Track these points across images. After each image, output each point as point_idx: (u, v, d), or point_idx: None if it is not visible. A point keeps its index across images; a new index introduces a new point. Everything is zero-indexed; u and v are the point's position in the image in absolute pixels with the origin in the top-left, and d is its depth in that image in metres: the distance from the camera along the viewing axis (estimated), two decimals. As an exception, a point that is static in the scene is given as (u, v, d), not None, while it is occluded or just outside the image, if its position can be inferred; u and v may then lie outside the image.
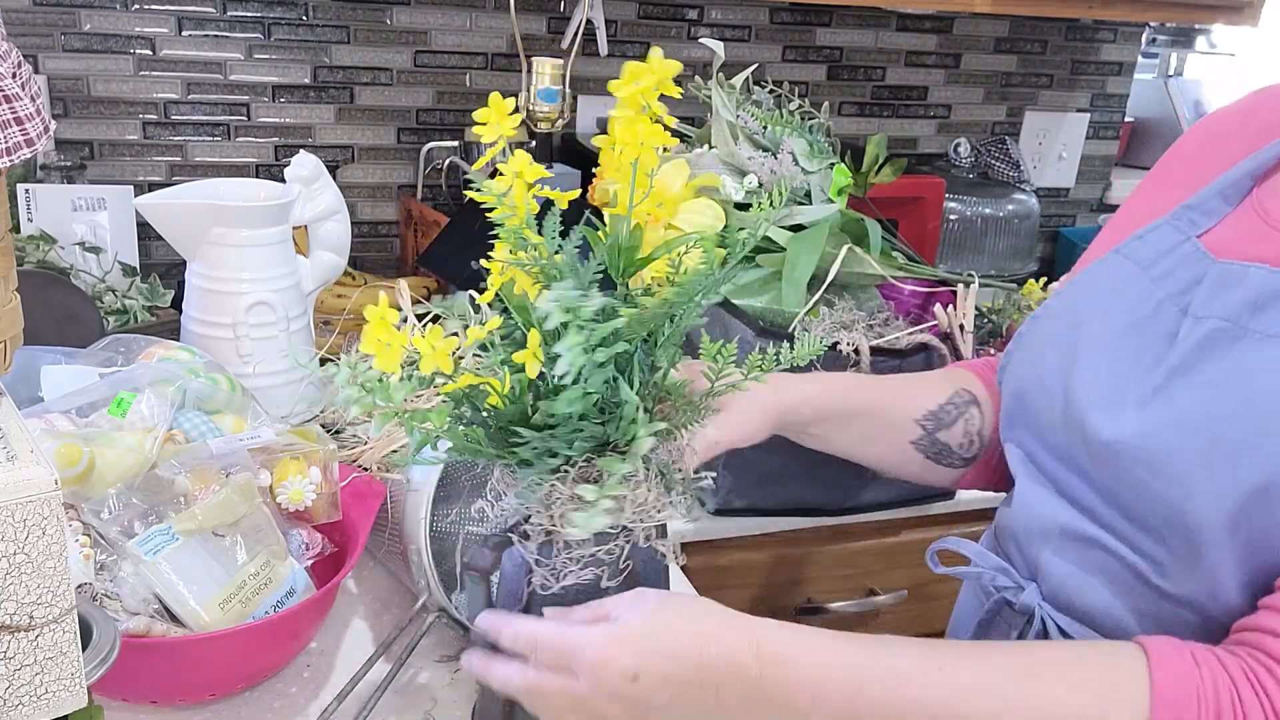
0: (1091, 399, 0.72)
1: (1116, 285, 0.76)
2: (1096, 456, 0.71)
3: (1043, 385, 0.78)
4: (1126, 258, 0.77)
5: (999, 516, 0.86)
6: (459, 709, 0.83)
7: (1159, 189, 0.84)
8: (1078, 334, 0.76)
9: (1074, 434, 0.73)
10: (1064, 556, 0.74)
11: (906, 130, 2.00)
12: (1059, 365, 0.76)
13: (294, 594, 0.84)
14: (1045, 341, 0.80)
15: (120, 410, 0.87)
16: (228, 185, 1.19)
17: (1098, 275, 0.80)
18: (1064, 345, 0.77)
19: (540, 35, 1.70)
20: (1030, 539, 0.78)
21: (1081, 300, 0.79)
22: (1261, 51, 2.47)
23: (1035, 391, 0.79)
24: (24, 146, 0.50)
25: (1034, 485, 0.78)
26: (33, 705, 0.52)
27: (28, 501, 0.49)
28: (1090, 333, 0.75)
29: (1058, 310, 0.81)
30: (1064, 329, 0.78)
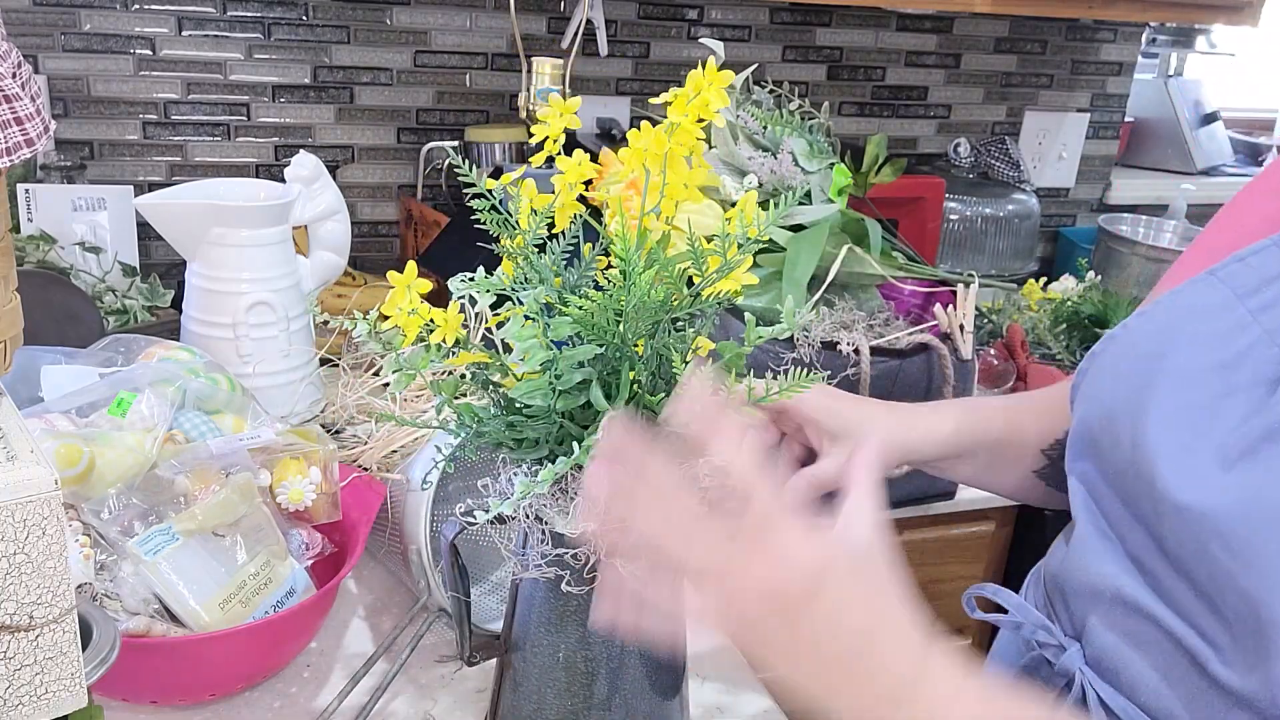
0: (1165, 449, 0.63)
1: (1206, 314, 0.66)
2: (1165, 516, 0.62)
3: (1111, 419, 0.69)
4: (1222, 281, 0.67)
5: (1051, 560, 0.78)
6: (459, 709, 0.83)
7: (1272, 201, 0.73)
8: (1156, 367, 0.66)
9: (1142, 484, 0.65)
10: (1113, 625, 0.67)
11: (906, 130, 2.00)
12: (1131, 400, 0.67)
13: (294, 594, 0.84)
14: (1119, 368, 0.71)
15: (120, 410, 0.87)
16: (228, 185, 1.20)
17: (1187, 298, 0.69)
18: (1139, 377, 0.68)
19: (540, 35, 1.70)
20: (1079, 596, 0.71)
21: (1165, 326, 0.69)
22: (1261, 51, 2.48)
23: (1103, 425, 0.70)
24: (24, 146, 0.50)
25: (1095, 534, 0.70)
26: (33, 705, 0.52)
27: (28, 501, 0.49)
28: (1171, 368, 0.65)
29: (1138, 334, 0.71)
30: (1142, 358, 0.68)
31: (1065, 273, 1.84)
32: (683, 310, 0.64)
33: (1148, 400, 0.65)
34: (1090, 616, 0.69)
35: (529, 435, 0.63)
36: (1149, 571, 0.65)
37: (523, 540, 0.68)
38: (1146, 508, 0.64)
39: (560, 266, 0.65)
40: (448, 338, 0.63)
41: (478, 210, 0.65)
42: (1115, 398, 0.69)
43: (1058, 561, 0.75)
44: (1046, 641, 0.72)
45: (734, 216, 0.63)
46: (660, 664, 0.70)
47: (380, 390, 1.20)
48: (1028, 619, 0.74)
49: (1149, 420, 0.64)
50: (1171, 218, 2.10)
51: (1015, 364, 1.49)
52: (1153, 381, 0.66)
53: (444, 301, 0.64)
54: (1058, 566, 0.75)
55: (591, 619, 0.59)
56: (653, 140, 0.61)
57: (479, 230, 0.66)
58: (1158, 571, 0.64)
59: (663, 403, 0.61)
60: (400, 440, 1.07)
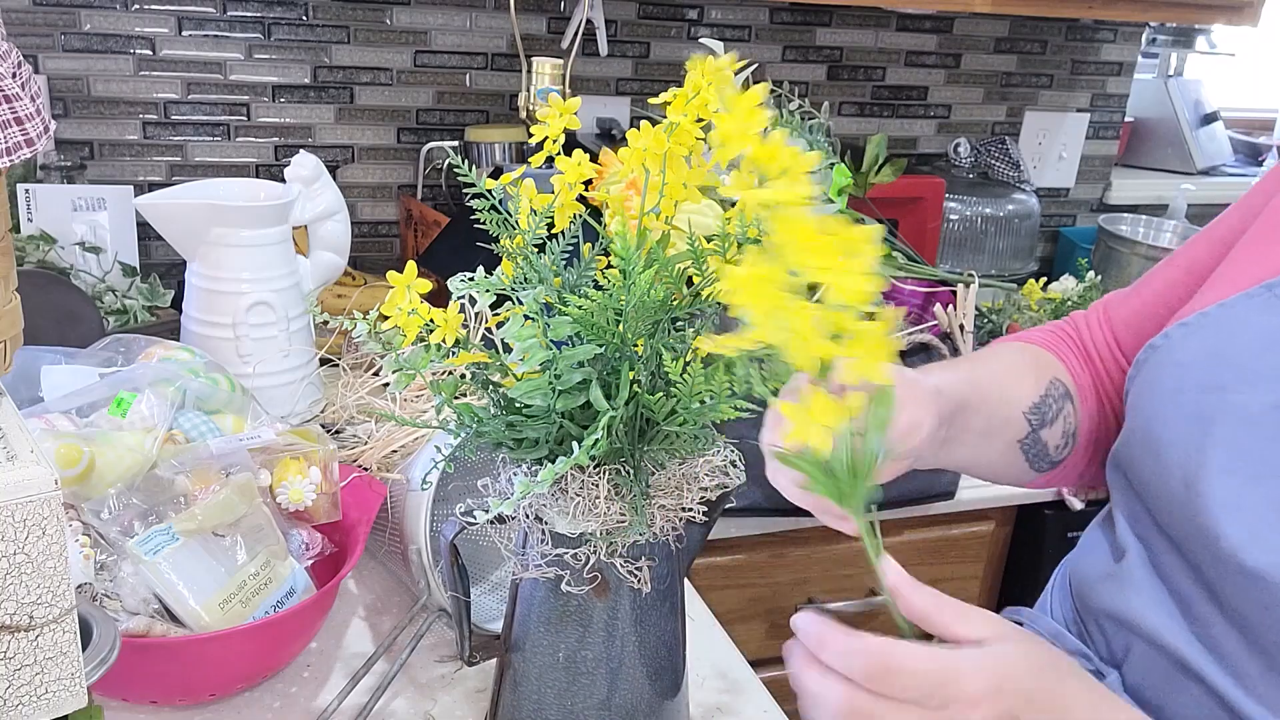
0: (1228, 503, 0.59)
1: (1270, 342, 0.61)
2: (1229, 575, 0.59)
3: (1157, 449, 0.65)
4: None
5: (1083, 580, 0.73)
6: (459, 709, 0.83)
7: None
8: (1214, 402, 0.62)
9: (1199, 535, 0.61)
10: (1153, 665, 0.64)
11: (906, 130, 2.00)
12: (1183, 438, 0.62)
13: (294, 594, 0.84)
14: (1167, 393, 0.66)
15: (120, 410, 0.87)
16: (228, 185, 1.20)
17: (1245, 319, 0.64)
18: (1194, 411, 0.63)
19: (540, 35, 1.70)
20: (1119, 625, 0.68)
21: (1221, 351, 0.64)
22: (1261, 51, 2.48)
23: (1148, 450, 0.66)
24: (24, 146, 0.50)
25: (1139, 566, 0.66)
26: (33, 705, 0.52)
27: (28, 501, 0.49)
28: (1233, 406, 0.60)
29: (1187, 351, 0.67)
30: (1196, 387, 0.63)
31: (1065, 273, 1.84)
32: (683, 310, 0.64)
33: (1205, 441, 0.61)
34: (1131, 650, 0.66)
35: (529, 435, 0.63)
36: (1197, 618, 0.62)
37: (523, 540, 0.68)
38: (1204, 558, 0.61)
39: (560, 266, 0.65)
40: (448, 338, 0.63)
41: (478, 210, 0.65)
42: (1164, 425, 0.64)
43: (1093, 582, 0.71)
44: (1084, 667, 0.68)
45: (734, 216, 0.63)
46: (660, 664, 0.70)
47: (380, 390, 1.20)
48: (1065, 645, 0.72)
49: (1208, 466, 0.60)
50: (1171, 218, 2.10)
51: (1015, 364, 1.49)
52: (1210, 418, 0.61)
53: (444, 301, 0.64)
54: (1093, 587, 0.71)
55: None
56: (653, 140, 0.61)
57: (479, 230, 0.66)
58: (1207, 619, 0.61)
59: (661, 402, 0.61)
60: (400, 440, 1.07)
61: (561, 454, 0.62)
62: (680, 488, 0.66)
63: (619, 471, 0.63)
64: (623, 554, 0.66)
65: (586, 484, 0.63)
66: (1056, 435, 0.78)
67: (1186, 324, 0.68)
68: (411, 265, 0.63)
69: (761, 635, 1.31)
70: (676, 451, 0.65)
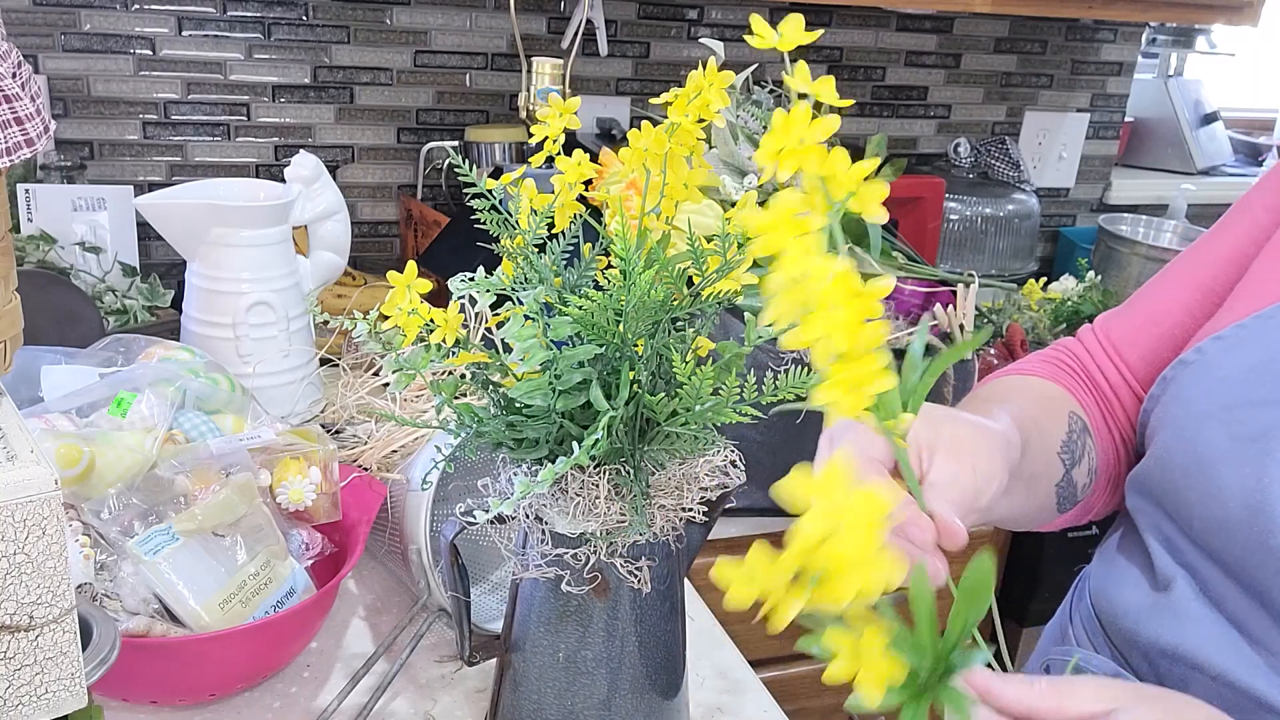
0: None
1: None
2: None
3: (1206, 476, 0.61)
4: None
5: (1119, 613, 0.69)
6: (459, 709, 0.83)
7: None
8: (1269, 418, 0.59)
9: (1269, 560, 0.58)
10: (1221, 706, 0.59)
11: (906, 130, 2.00)
12: (1238, 458, 0.60)
13: (294, 594, 0.84)
14: (1209, 410, 0.63)
15: (120, 410, 0.87)
16: (228, 185, 1.19)
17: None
18: (1245, 428, 0.60)
19: (540, 35, 1.70)
20: (1171, 661, 0.64)
21: (1267, 364, 0.61)
22: (1261, 51, 2.48)
23: (1192, 473, 0.62)
24: (24, 146, 0.50)
25: (1197, 605, 0.63)
26: (33, 705, 0.52)
27: (28, 501, 0.49)
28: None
29: (1228, 366, 0.64)
30: (1243, 403, 0.61)
31: (1065, 273, 1.84)
32: (683, 310, 0.64)
33: (1265, 460, 0.58)
34: (1190, 687, 0.62)
35: (529, 435, 0.63)
36: (1262, 645, 0.59)
37: (523, 540, 0.68)
38: (1274, 583, 0.58)
39: (560, 266, 0.65)
40: (448, 338, 0.63)
41: (478, 210, 0.65)
42: (1211, 446, 0.61)
43: (1134, 612, 0.68)
44: None
45: (734, 216, 0.63)
46: (660, 664, 0.70)
47: (380, 390, 1.20)
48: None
49: (1273, 483, 0.57)
50: (1171, 218, 2.10)
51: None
52: (1267, 435, 0.58)
53: (444, 301, 0.64)
54: (1134, 620, 0.67)
55: None
56: (653, 140, 0.61)
57: (479, 230, 0.66)
58: (1273, 645, 0.58)
59: (663, 403, 0.61)
60: (400, 440, 1.07)
61: (561, 454, 0.62)
62: (680, 488, 0.66)
63: (619, 471, 0.63)
64: (623, 554, 0.66)
65: (586, 484, 0.63)
66: (1083, 473, 0.75)
67: (1222, 337, 0.66)
68: (411, 265, 0.63)
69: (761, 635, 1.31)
70: (677, 451, 0.65)
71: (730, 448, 0.68)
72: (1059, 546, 1.42)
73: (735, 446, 0.69)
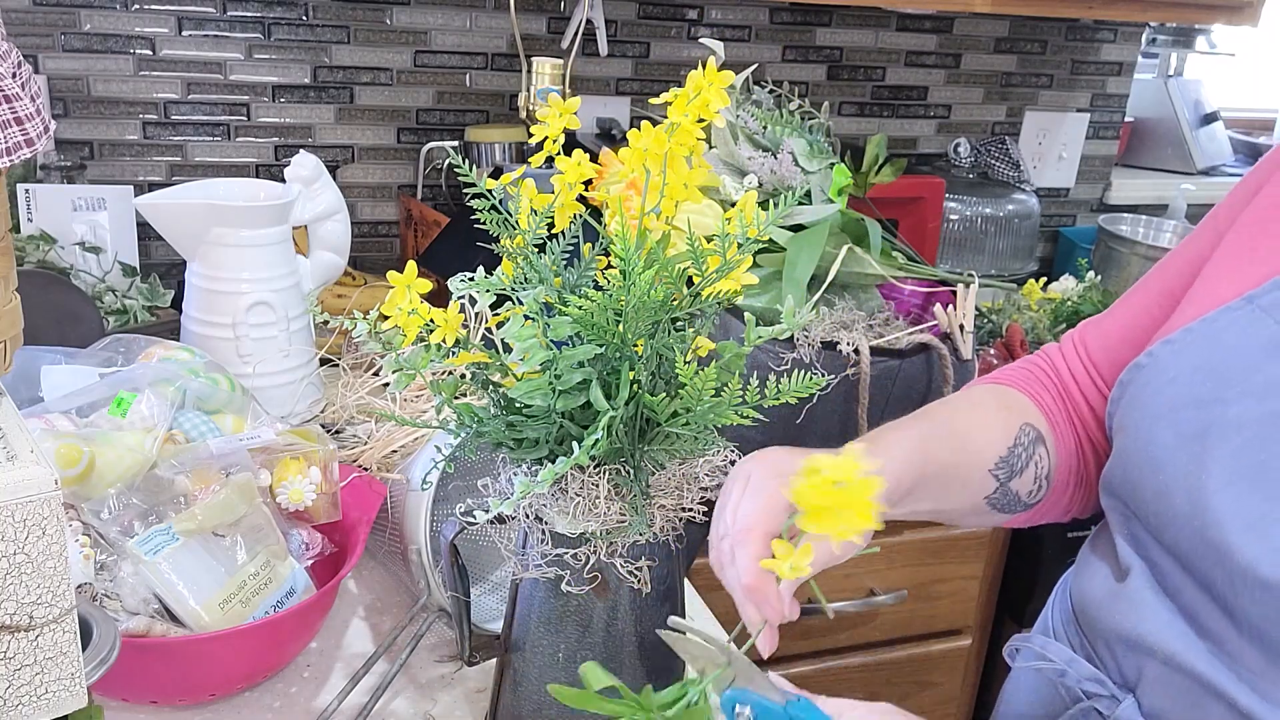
0: (1237, 516, 0.59)
1: (1261, 353, 0.61)
2: (1245, 589, 0.58)
3: (1157, 469, 0.64)
4: (1266, 312, 0.62)
5: (1087, 603, 0.73)
6: (459, 709, 0.83)
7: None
8: (1209, 417, 0.62)
9: (1208, 550, 0.60)
10: (1169, 685, 0.64)
11: (906, 130, 2.00)
12: (1182, 455, 0.62)
13: (294, 594, 0.84)
14: (1159, 411, 0.66)
15: (120, 410, 0.87)
16: (228, 185, 1.20)
17: (1228, 333, 0.64)
18: (1189, 427, 0.62)
19: (540, 35, 1.70)
20: (1130, 647, 0.67)
21: (1210, 364, 0.64)
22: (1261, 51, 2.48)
23: (1146, 472, 0.65)
24: (24, 146, 0.50)
25: (1145, 587, 0.66)
26: (33, 705, 0.52)
27: (28, 501, 0.49)
28: (1229, 420, 0.61)
29: (1172, 367, 0.66)
30: (1188, 403, 0.63)
31: (1065, 273, 1.84)
32: (683, 310, 0.64)
33: (1205, 456, 0.61)
34: (1144, 671, 0.66)
35: (529, 435, 0.63)
36: (1211, 635, 0.61)
37: (523, 540, 0.68)
38: (1216, 575, 0.60)
39: (560, 266, 0.65)
40: (448, 338, 0.63)
41: (478, 210, 0.65)
42: (1160, 445, 0.64)
43: (1098, 601, 0.71)
44: (1097, 693, 0.69)
45: (734, 216, 0.63)
46: (660, 664, 0.70)
47: (380, 390, 1.20)
48: (1078, 671, 0.71)
49: (1209, 480, 0.60)
50: (1171, 218, 2.10)
51: (1015, 364, 1.49)
52: (1207, 433, 0.61)
53: (444, 301, 0.64)
54: (1098, 609, 0.70)
55: None
56: (653, 140, 0.61)
57: (479, 230, 0.66)
58: (1221, 635, 0.61)
59: (663, 403, 0.61)
60: (400, 440, 1.07)
61: (561, 454, 0.62)
62: (680, 488, 0.66)
63: (619, 471, 0.63)
64: (623, 554, 0.66)
65: (586, 484, 0.63)
66: (1028, 482, 0.78)
67: (1171, 341, 0.68)
68: (411, 265, 0.63)
69: (761, 635, 1.31)
70: (677, 452, 0.65)
71: (730, 448, 0.68)
72: (1059, 547, 1.42)
73: (735, 446, 0.69)
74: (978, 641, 1.48)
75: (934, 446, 0.73)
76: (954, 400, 0.84)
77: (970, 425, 0.78)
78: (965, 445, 0.76)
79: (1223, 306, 0.66)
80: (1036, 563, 1.44)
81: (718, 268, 0.63)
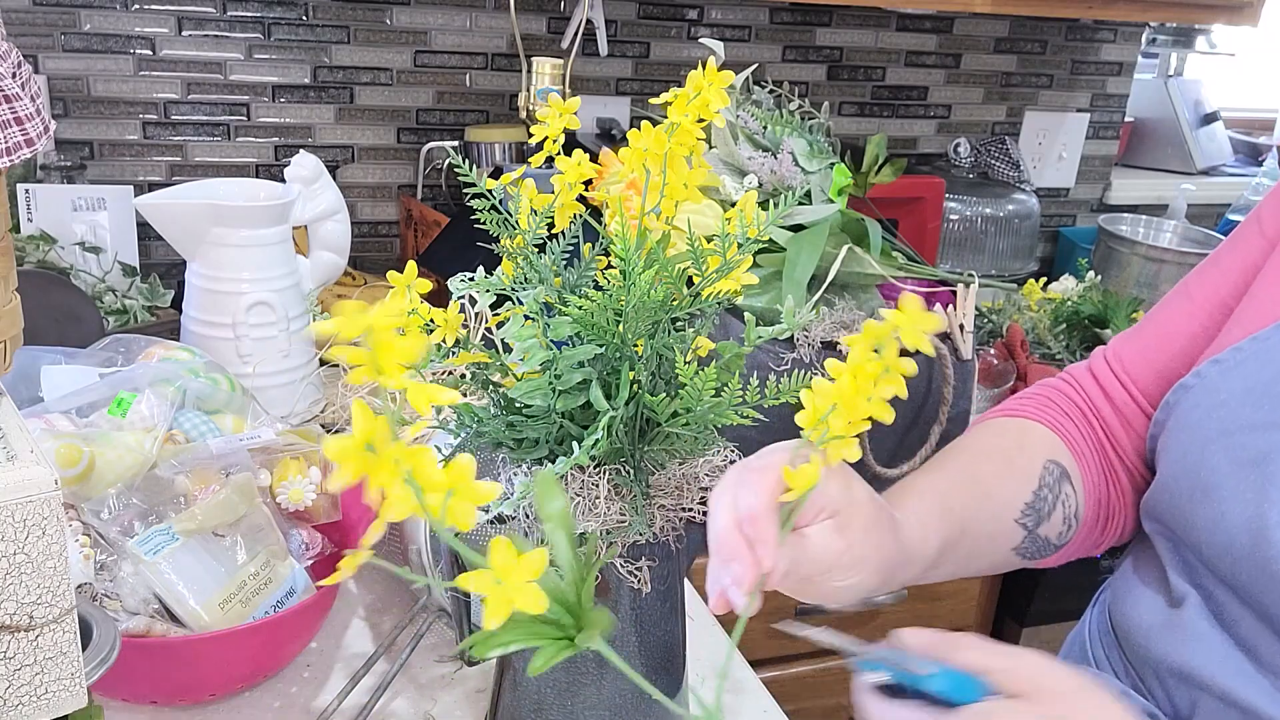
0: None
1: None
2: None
3: (1211, 502, 0.62)
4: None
5: (1133, 630, 0.70)
6: (459, 709, 0.83)
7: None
8: (1267, 442, 0.59)
9: (1272, 585, 0.58)
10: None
11: (906, 130, 2.00)
12: (1239, 483, 0.60)
13: (294, 594, 0.84)
14: (1210, 435, 0.63)
15: (120, 410, 0.87)
16: (228, 185, 1.20)
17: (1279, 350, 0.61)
18: (1244, 453, 0.60)
19: (540, 35, 1.70)
20: (1181, 680, 0.65)
21: (1263, 386, 0.61)
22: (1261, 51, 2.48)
23: (1197, 498, 0.63)
24: (24, 146, 0.50)
25: (1199, 618, 0.63)
26: (33, 705, 0.52)
27: (28, 501, 0.49)
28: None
29: (1225, 389, 0.63)
30: (1242, 427, 0.61)
31: (1065, 273, 1.84)
32: (683, 310, 0.64)
33: (1266, 485, 0.58)
34: (1198, 705, 0.63)
35: (529, 435, 0.63)
36: (1272, 669, 0.59)
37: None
38: (1279, 607, 0.58)
39: (560, 266, 0.65)
40: (448, 338, 0.63)
41: (478, 210, 0.65)
42: (1213, 471, 0.61)
43: (1146, 630, 0.68)
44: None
45: (734, 216, 0.63)
46: (660, 664, 0.70)
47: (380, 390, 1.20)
48: (1134, 703, 0.68)
49: (1273, 511, 0.57)
50: (1171, 218, 2.10)
51: (1015, 364, 1.49)
52: (1266, 459, 0.58)
53: (444, 301, 0.64)
54: (1146, 638, 0.68)
55: None
56: (653, 140, 0.61)
57: (479, 230, 0.66)
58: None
59: (663, 403, 0.61)
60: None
61: (561, 454, 0.62)
62: (680, 488, 0.66)
63: (619, 471, 0.63)
64: (623, 554, 0.66)
65: (586, 484, 0.63)
66: (1057, 524, 0.75)
67: (1220, 360, 0.65)
68: (411, 265, 0.63)
69: (761, 635, 1.31)
70: (677, 451, 0.65)
71: (730, 448, 0.68)
72: (1059, 546, 1.42)
73: (735, 446, 0.69)
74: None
75: (957, 506, 0.69)
76: (969, 446, 0.78)
77: (991, 474, 0.73)
78: (990, 497, 0.72)
79: (1275, 324, 0.63)
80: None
81: (718, 268, 0.63)
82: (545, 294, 0.63)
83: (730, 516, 0.53)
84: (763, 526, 0.52)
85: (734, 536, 0.53)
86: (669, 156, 0.61)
